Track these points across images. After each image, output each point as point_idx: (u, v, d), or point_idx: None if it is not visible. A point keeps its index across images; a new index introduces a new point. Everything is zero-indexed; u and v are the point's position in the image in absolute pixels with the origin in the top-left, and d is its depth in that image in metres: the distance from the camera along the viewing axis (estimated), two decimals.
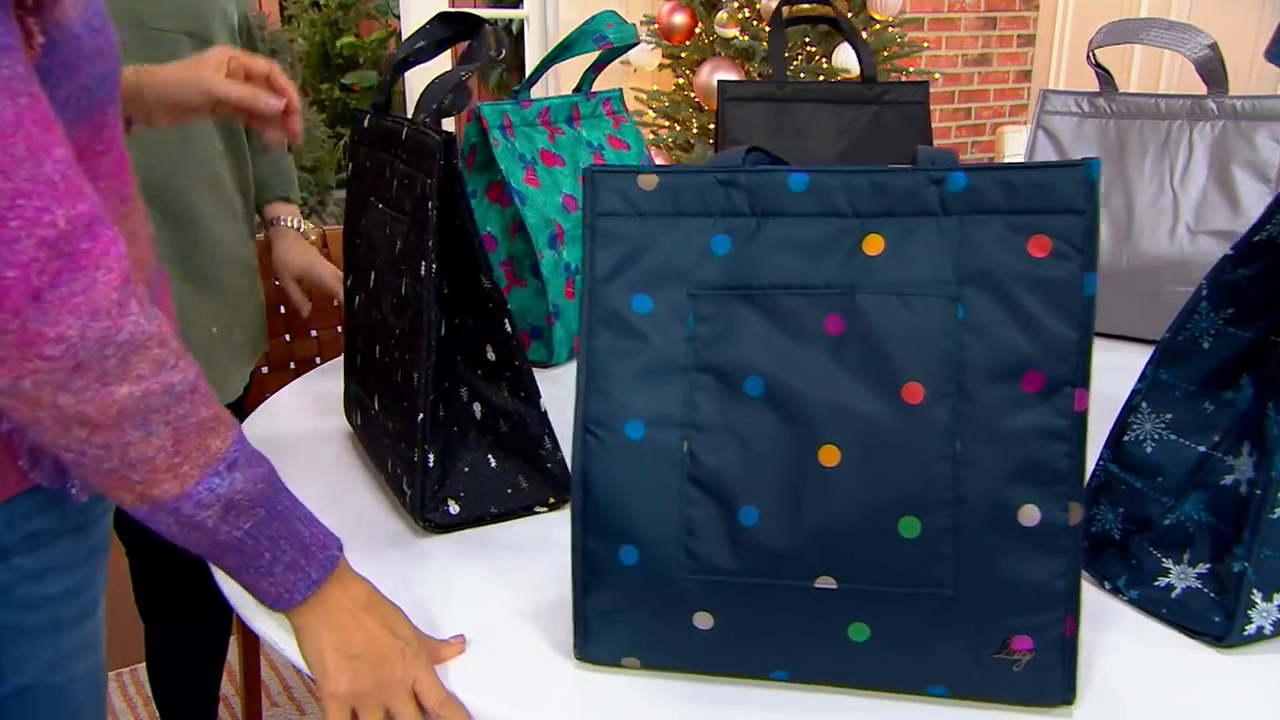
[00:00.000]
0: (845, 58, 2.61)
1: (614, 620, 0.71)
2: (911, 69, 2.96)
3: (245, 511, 0.67)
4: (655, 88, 3.02)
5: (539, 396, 0.94)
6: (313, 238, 1.50)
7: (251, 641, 1.70)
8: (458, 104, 0.93)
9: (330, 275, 1.49)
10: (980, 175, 0.65)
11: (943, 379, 0.65)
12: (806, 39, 2.77)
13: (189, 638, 1.54)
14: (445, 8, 3.44)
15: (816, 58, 2.76)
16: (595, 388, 0.70)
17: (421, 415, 0.90)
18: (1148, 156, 1.53)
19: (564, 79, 3.16)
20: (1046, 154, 1.59)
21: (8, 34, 0.58)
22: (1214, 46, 1.47)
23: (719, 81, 1.66)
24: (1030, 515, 0.64)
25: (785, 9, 1.68)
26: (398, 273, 0.93)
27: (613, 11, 1.44)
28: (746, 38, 2.76)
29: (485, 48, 1.01)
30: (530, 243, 1.32)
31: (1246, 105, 1.48)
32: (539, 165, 1.36)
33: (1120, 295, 1.47)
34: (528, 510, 0.96)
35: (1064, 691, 0.66)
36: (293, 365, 1.64)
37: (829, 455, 0.66)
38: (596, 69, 1.51)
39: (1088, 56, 1.55)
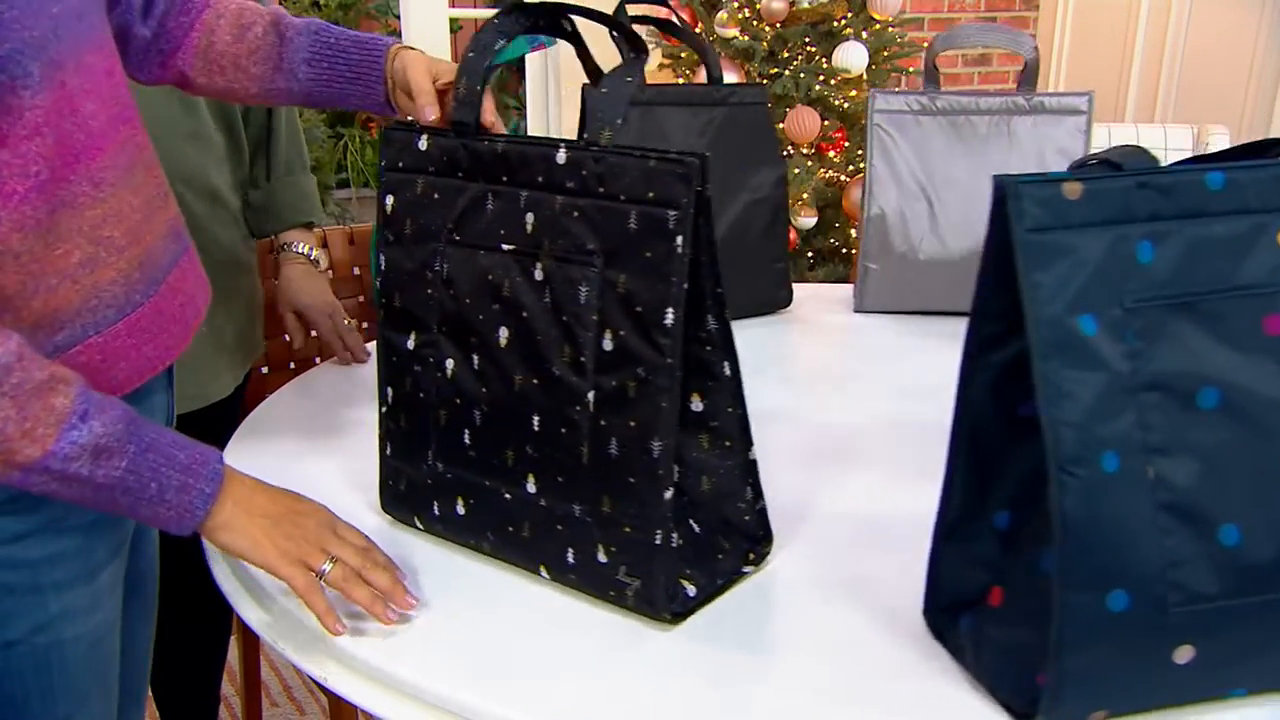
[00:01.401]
0: (845, 58, 2.56)
1: (1091, 675, 0.64)
2: (911, 69, 2.95)
3: (116, 451, 0.71)
4: None
5: (751, 443, 0.81)
6: (324, 266, 1.34)
7: (251, 641, 1.67)
8: (625, 116, 0.79)
9: (324, 320, 1.33)
10: None
11: None
12: (807, 39, 2.71)
13: (189, 638, 1.49)
14: (447, 9, 2.96)
15: (816, 58, 2.71)
16: (1063, 421, 0.62)
17: (670, 491, 0.75)
18: (973, 147, 1.66)
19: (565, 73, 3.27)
20: (885, 148, 1.67)
21: None
22: (1036, 49, 1.64)
23: (583, 85, 1.55)
24: None
25: (627, 7, 1.61)
26: (583, 325, 0.76)
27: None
28: (746, 38, 2.73)
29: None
30: None
31: (1052, 101, 1.65)
32: None
33: (955, 276, 1.58)
34: (740, 575, 0.84)
35: None
36: (292, 365, 1.60)
37: None
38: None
39: (925, 60, 1.65)
